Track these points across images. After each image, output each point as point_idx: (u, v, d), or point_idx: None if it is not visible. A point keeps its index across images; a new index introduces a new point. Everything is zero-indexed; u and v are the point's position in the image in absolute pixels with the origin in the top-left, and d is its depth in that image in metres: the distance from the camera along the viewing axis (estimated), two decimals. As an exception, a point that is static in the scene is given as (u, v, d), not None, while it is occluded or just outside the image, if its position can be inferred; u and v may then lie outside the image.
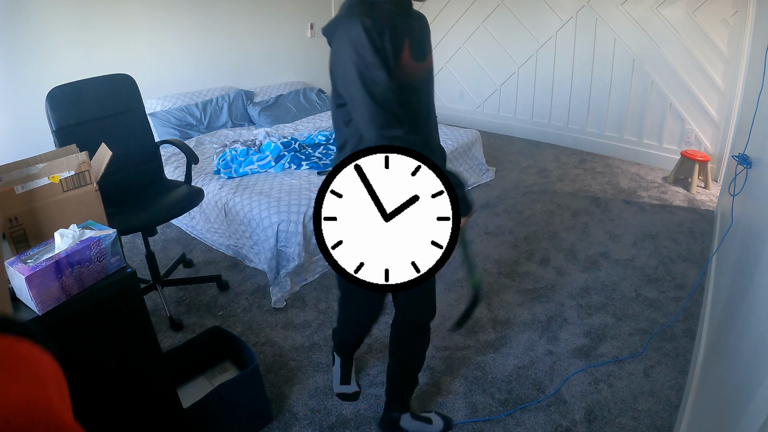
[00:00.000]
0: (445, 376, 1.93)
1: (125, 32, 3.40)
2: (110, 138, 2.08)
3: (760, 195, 1.73)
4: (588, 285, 2.52)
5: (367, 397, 1.84)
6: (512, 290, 2.47)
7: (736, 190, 2.24)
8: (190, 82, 3.88)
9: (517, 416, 1.75)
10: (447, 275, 2.60)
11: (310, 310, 2.34)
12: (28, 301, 0.99)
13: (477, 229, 3.11)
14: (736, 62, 3.52)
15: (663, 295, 2.43)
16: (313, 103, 4.48)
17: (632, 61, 4.09)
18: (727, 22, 3.52)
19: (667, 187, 3.78)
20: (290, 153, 3.04)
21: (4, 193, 1.10)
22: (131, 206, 2.14)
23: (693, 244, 2.92)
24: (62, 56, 3.10)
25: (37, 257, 1.01)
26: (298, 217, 2.45)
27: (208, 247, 2.90)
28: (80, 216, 1.21)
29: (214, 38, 3.97)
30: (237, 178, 2.86)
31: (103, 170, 1.41)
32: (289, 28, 4.59)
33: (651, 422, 1.71)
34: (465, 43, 5.22)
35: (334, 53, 1.23)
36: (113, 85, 2.26)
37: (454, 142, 3.54)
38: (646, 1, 3.88)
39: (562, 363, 1.99)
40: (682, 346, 2.07)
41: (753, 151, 2.14)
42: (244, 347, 1.72)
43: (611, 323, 2.22)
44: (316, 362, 2.01)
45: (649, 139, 4.23)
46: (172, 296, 2.45)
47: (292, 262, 2.47)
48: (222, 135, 3.68)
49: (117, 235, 1.12)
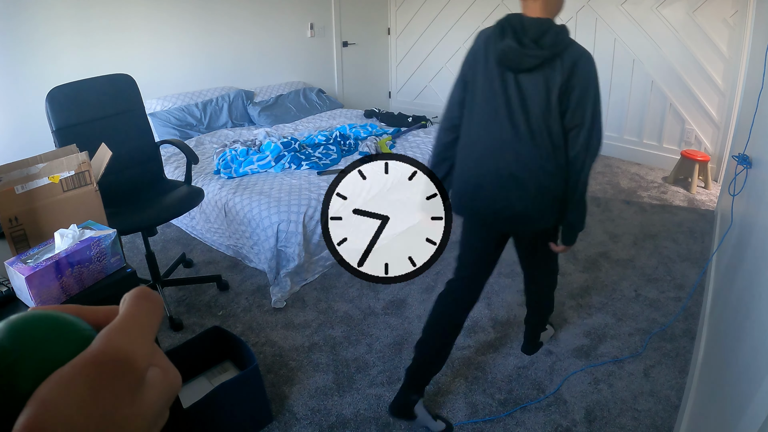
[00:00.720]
0: (445, 376, 1.93)
1: (125, 32, 3.40)
2: (110, 138, 2.08)
3: (760, 195, 1.73)
4: (588, 285, 2.52)
5: (367, 397, 1.84)
6: (512, 290, 2.47)
7: (736, 190, 2.24)
8: (190, 82, 3.88)
9: (517, 416, 1.75)
10: (447, 275, 2.60)
11: (310, 310, 2.34)
12: (28, 301, 0.99)
13: (477, 229, 3.11)
14: (736, 62, 3.52)
15: (663, 295, 2.43)
16: (313, 103, 4.48)
17: (632, 61, 4.09)
18: (727, 22, 3.52)
19: (667, 187, 3.78)
20: (290, 153, 3.04)
21: (4, 193, 1.10)
22: (131, 206, 2.14)
23: (693, 244, 2.92)
24: (62, 56, 3.11)
25: (37, 257, 1.01)
26: (298, 217, 2.45)
27: (208, 247, 2.90)
28: (80, 216, 1.21)
29: (214, 38, 3.97)
30: (237, 178, 2.86)
31: (103, 170, 1.41)
32: (289, 28, 4.59)
33: (651, 422, 1.71)
34: (465, 43, 5.21)
35: (580, 71, 1.35)
36: (113, 85, 2.26)
37: (454, 142, 3.53)
38: (646, 1, 3.88)
39: (562, 363, 1.99)
40: (682, 346, 2.07)
41: (753, 151, 2.14)
42: (244, 347, 1.72)
43: (611, 323, 2.22)
44: (316, 362, 2.01)
45: (649, 139, 4.23)
46: (172, 296, 2.45)
47: (292, 262, 2.47)
48: (222, 135, 3.68)
49: (117, 235, 1.12)
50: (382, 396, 1.84)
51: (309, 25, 4.77)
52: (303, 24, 4.72)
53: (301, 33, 4.74)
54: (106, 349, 0.25)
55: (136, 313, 0.28)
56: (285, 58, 4.65)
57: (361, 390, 1.87)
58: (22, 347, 0.25)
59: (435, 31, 5.42)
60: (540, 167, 1.41)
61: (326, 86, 5.08)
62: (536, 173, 1.42)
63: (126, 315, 0.28)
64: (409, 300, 2.40)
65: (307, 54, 4.86)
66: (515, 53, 1.34)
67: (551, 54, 1.33)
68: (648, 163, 4.25)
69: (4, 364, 0.24)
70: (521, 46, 1.33)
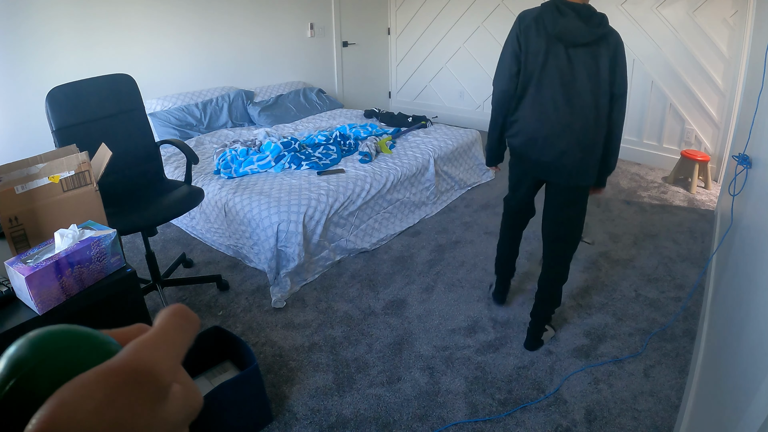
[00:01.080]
0: (445, 376, 1.93)
1: (125, 32, 3.40)
2: (110, 138, 2.09)
3: (760, 195, 1.73)
4: (588, 285, 2.52)
5: (367, 397, 1.84)
6: (512, 290, 2.47)
7: (736, 190, 2.24)
8: (190, 82, 3.88)
9: (517, 416, 1.75)
10: (447, 275, 2.60)
11: (310, 310, 2.34)
12: (28, 301, 0.99)
13: (477, 229, 3.11)
14: (736, 62, 3.52)
15: (663, 295, 2.43)
16: (313, 103, 4.48)
17: (632, 61, 4.09)
18: (727, 22, 3.52)
19: (667, 187, 3.78)
20: (290, 153, 3.04)
21: (4, 193, 1.10)
22: (131, 206, 2.14)
23: (693, 244, 2.92)
24: (62, 56, 3.11)
25: (37, 257, 1.01)
26: (298, 217, 2.46)
27: (208, 247, 2.90)
28: (80, 216, 1.21)
29: (214, 38, 3.98)
30: (237, 178, 2.86)
31: (103, 170, 1.41)
32: (289, 28, 4.59)
33: (651, 422, 1.71)
34: (465, 43, 5.22)
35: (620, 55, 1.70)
36: (113, 85, 2.26)
37: (454, 142, 3.54)
38: (646, 1, 3.88)
39: (562, 363, 1.99)
40: (682, 346, 2.07)
41: (753, 151, 2.14)
42: (244, 347, 1.72)
43: (611, 323, 2.22)
44: (316, 362, 2.01)
45: (649, 139, 4.23)
46: (172, 296, 2.45)
47: (292, 262, 2.47)
48: (222, 135, 3.68)
49: (117, 235, 1.12)
50: (382, 396, 1.84)
51: (309, 25, 4.77)
52: (303, 24, 4.72)
53: (301, 33, 4.74)
54: (130, 359, 0.25)
55: (168, 328, 0.28)
56: (285, 58, 4.66)
57: (361, 390, 1.87)
58: (41, 355, 0.25)
59: (435, 31, 5.42)
60: (586, 124, 1.70)
61: (326, 86, 5.09)
62: (584, 129, 1.71)
63: (157, 329, 0.28)
64: (409, 300, 2.40)
65: (307, 54, 4.86)
66: (578, 29, 1.60)
67: (603, 33, 1.62)
68: (648, 163, 4.25)
69: (23, 372, 0.24)
70: (585, 24, 1.60)
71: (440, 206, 3.39)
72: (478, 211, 3.36)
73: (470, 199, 3.54)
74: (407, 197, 3.13)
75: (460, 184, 3.63)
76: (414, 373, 1.95)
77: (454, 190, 3.59)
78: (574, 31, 1.60)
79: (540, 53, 1.68)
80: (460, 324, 2.23)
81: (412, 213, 3.20)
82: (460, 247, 2.89)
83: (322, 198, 2.60)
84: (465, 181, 3.67)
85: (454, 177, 3.55)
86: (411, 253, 2.82)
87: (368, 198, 2.83)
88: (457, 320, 2.25)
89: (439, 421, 1.74)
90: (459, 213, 3.34)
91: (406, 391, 1.86)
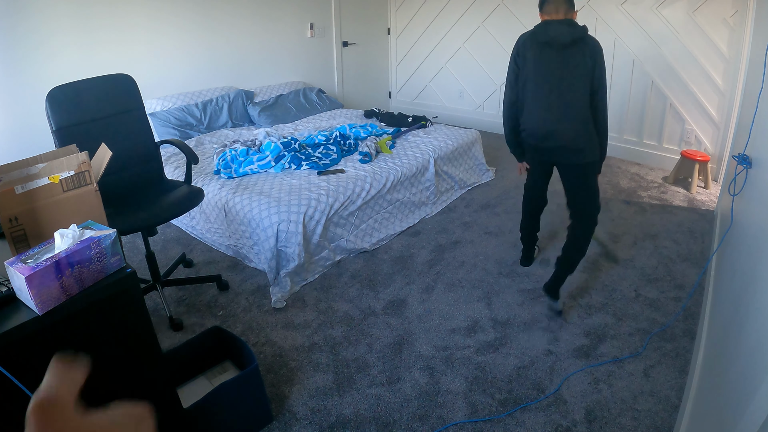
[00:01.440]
0: (445, 376, 1.93)
1: (125, 32, 3.40)
2: (110, 138, 2.08)
3: (760, 195, 1.73)
4: (588, 285, 2.52)
5: (367, 397, 1.84)
6: (512, 290, 2.47)
7: (736, 190, 2.24)
8: (190, 82, 3.88)
9: (517, 416, 1.75)
10: (447, 275, 2.60)
11: (310, 310, 2.34)
12: (28, 301, 0.99)
13: (477, 229, 3.11)
14: (736, 62, 3.52)
15: (663, 295, 2.43)
16: (313, 103, 4.48)
17: (632, 61, 4.09)
18: (727, 22, 3.52)
19: (667, 187, 3.78)
20: (290, 153, 3.04)
21: (4, 193, 1.10)
22: (131, 206, 2.14)
23: (693, 244, 2.92)
24: (62, 56, 3.11)
25: (37, 257, 1.01)
26: (298, 217, 2.46)
27: (208, 247, 2.90)
28: (80, 216, 1.21)
29: (214, 38, 3.98)
30: (237, 178, 2.86)
31: (103, 170, 1.41)
32: (289, 28, 4.59)
33: (651, 422, 1.71)
34: (465, 43, 5.22)
35: (599, 56, 2.06)
36: (113, 85, 2.26)
37: (454, 142, 3.54)
38: (646, 1, 3.88)
39: (562, 363, 1.99)
40: (682, 346, 2.07)
41: (753, 151, 2.14)
42: (244, 347, 1.72)
43: (611, 323, 2.22)
44: (316, 362, 2.01)
45: (649, 139, 4.23)
46: (172, 296, 2.45)
47: (292, 262, 2.47)
48: (222, 135, 3.68)
49: (117, 235, 1.12)
50: (382, 396, 1.84)
51: (309, 25, 4.77)
52: (303, 24, 4.72)
53: (301, 33, 4.74)
54: None
55: None
56: (285, 58, 4.66)
57: (361, 390, 1.87)
58: None
59: (435, 31, 5.42)
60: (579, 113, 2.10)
61: (326, 86, 5.08)
62: (574, 114, 2.10)
63: None
64: (409, 300, 2.40)
65: (307, 54, 4.86)
66: (562, 33, 2.03)
67: (581, 34, 2.03)
68: (648, 163, 4.25)
69: None
70: (567, 27, 2.04)
71: (440, 206, 3.39)
72: (478, 211, 3.36)
73: (470, 199, 3.54)
74: (407, 197, 3.13)
75: (460, 184, 3.63)
76: (414, 373, 1.95)
77: (454, 190, 3.59)
78: (559, 35, 2.04)
79: (534, 58, 2.13)
80: (460, 324, 2.23)
81: (412, 213, 3.20)
82: (460, 247, 2.89)
83: (322, 198, 2.60)
84: (465, 181, 3.67)
85: (454, 177, 3.55)
86: (411, 253, 2.82)
87: (368, 198, 2.83)
88: (457, 320, 2.25)
89: (439, 421, 1.74)
90: (459, 213, 3.34)
91: (406, 391, 1.86)
